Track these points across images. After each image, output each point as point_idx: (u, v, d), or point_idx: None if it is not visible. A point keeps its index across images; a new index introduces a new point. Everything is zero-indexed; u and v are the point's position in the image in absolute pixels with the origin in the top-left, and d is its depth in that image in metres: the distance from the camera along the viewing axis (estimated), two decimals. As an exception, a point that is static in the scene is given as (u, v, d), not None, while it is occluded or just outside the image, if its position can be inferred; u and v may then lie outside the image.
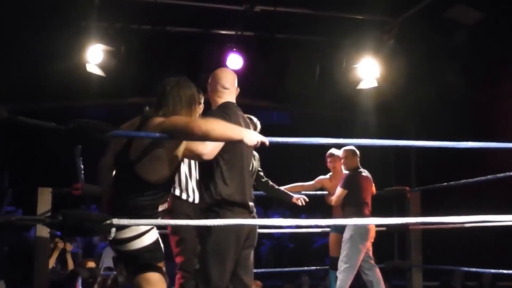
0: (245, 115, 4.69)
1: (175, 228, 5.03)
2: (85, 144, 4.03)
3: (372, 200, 7.33)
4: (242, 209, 4.29)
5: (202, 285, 4.24)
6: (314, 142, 4.29)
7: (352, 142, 5.35)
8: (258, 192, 7.02)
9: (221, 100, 4.39)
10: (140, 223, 3.87)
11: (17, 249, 9.79)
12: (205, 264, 4.21)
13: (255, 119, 5.93)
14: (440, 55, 9.12)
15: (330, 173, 7.73)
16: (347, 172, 7.30)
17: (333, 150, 7.63)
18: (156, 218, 3.97)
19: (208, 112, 4.39)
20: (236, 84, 4.48)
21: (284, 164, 6.89)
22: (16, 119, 3.48)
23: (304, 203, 6.69)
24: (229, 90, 4.41)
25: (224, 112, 4.26)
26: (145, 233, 3.94)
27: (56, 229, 5.31)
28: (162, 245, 4.08)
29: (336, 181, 7.59)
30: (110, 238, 3.85)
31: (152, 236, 3.99)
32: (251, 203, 4.38)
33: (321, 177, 7.77)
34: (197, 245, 4.32)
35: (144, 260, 3.98)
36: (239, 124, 4.19)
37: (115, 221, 3.63)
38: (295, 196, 6.71)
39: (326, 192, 7.71)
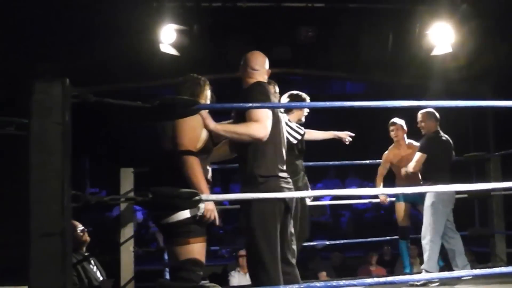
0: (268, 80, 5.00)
1: None
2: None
3: (451, 166, 7.25)
4: (282, 180, 4.54)
5: (254, 262, 4.41)
6: (395, 105, 4.42)
7: (431, 104, 5.40)
8: (334, 162, 7.06)
9: (251, 81, 4.65)
10: (227, 198, 3.98)
11: (102, 229, 10.08)
12: (253, 239, 4.37)
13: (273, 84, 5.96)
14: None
15: (392, 144, 7.71)
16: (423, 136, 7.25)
17: (395, 119, 7.59)
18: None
19: (247, 91, 4.62)
20: (266, 66, 4.76)
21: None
22: (103, 101, 3.57)
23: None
24: (258, 71, 4.69)
25: (260, 91, 4.54)
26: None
27: (147, 207, 5.47)
28: (203, 220, 4.25)
29: (399, 150, 7.58)
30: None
31: (190, 211, 4.17)
32: (284, 174, 4.60)
33: (385, 154, 7.75)
34: (241, 219, 4.50)
35: (181, 233, 4.18)
36: (270, 100, 4.61)
37: (204, 196, 3.73)
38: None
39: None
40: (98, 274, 6.33)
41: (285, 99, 6.48)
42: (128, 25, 8.61)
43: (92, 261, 6.34)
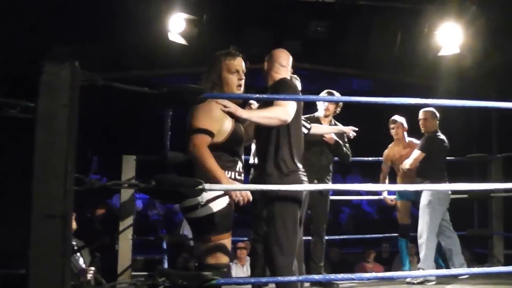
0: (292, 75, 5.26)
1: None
2: (177, 107, 4.16)
3: (453, 166, 7.25)
4: (301, 173, 4.71)
5: (272, 247, 4.50)
6: (402, 102, 4.47)
7: (437, 103, 5.42)
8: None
9: (278, 76, 4.85)
10: (231, 188, 3.98)
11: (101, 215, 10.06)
12: (273, 226, 4.50)
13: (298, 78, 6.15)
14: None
15: (392, 142, 7.72)
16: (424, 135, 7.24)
17: (395, 117, 7.61)
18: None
19: (277, 84, 4.79)
20: (290, 65, 4.97)
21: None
22: (112, 85, 3.58)
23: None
24: (285, 68, 4.91)
25: (289, 85, 4.77)
26: (209, 202, 4.08)
27: (150, 195, 5.44)
28: (230, 215, 4.21)
29: (399, 148, 7.60)
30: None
31: (217, 205, 4.12)
32: (302, 167, 4.77)
33: (385, 152, 7.79)
34: (263, 209, 4.61)
35: (204, 229, 4.13)
36: (298, 94, 4.97)
37: (207, 186, 3.73)
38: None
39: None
40: (81, 261, 6.30)
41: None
42: (137, 13, 8.62)
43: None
